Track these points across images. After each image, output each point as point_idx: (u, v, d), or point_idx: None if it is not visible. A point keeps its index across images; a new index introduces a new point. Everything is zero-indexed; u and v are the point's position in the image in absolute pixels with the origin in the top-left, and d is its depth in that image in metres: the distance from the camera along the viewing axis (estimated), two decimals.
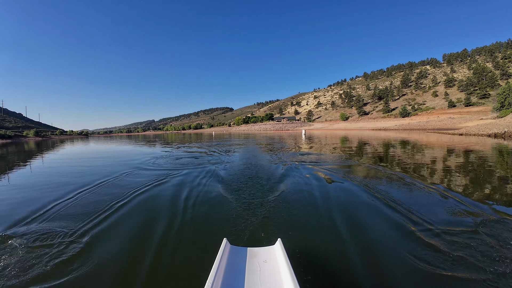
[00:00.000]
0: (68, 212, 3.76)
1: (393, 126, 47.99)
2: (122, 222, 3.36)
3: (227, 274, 1.65)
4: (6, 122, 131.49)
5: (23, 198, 4.71)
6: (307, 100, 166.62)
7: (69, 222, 3.37)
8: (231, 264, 1.77)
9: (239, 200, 4.09)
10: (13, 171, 8.79)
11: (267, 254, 1.91)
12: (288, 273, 1.53)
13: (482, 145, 12.27)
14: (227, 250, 1.90)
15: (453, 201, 3.76)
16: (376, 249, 2.48)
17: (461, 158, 8.12)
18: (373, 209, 3.59)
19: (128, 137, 65.91)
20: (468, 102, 65.15)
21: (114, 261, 2.41)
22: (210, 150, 13.43)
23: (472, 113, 52.81)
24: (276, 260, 1.81)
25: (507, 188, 4.53)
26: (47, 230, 3.08)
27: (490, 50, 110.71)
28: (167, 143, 23.46)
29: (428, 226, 2.94)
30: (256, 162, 8.40)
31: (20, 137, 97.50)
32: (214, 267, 1.60)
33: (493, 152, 9.62)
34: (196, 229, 3.04)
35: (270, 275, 1.64)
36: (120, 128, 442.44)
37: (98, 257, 2.48)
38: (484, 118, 42.75)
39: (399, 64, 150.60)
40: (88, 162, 10.42)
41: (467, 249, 2.42)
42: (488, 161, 7.47)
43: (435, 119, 51.84)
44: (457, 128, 32.58)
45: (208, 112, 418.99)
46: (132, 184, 5.43)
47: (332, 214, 3.39)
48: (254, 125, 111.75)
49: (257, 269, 1.71)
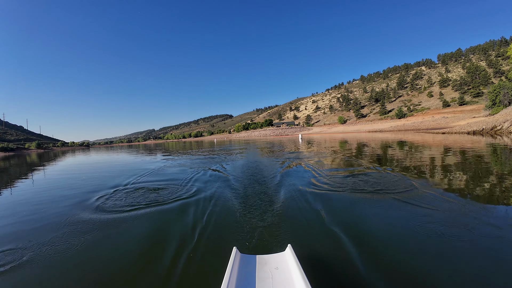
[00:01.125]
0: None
1: (389, 127, 49.00)
2: (132, 228, 3.37)
3: (239, 282, 1.64)
4: (7, 135, 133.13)
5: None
6: (306, 105, 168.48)
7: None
8: (242, 272, 1.76)
9: (245, 198, 4.42)
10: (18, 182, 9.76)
11: (278, 260, 1.90)
12: (301, 279, 1.52)
13: (454, 142, 13.25)
14: (237, 259, 1.88)
15: (408, 180, 4.73)
16: (391, 254, 2.40)
17: (431, 152, 9.12)
18: (377, 207, 3.61)
19: (129, 146, 66.77)
20: (462, 101, 66.34)
21: (125, 269, 2.40)
22: (215, 154, 14.45)
23: (465, 112, 53.87)
24: (288, 266, 1.79)
25: (447, 172, 5.50)
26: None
27: (484, 49, 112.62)
28: (176, 151, 24.04)
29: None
30: (258, 164, 9.00)
31: (22, 149, 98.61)
32: (226, 276, 1.60)
33: (457, 146, 10.60)
34: (208, 238, 2.98)
35: (282, 282, 1.63)
36: (120, 138, 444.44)
37: (103, 268, 2.45)
38: (476, 116, 43.68)
39: (395, 66, 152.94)
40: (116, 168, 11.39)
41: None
42: (449, 153, 8.45)
43: (429, 119, 52.88)
44: (450, 127, 33.61)
45: (208, 120, 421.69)
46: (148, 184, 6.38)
47: (341, 218, 3.33)
48: (254, 131, 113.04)
49: (269, 277, 1.70)
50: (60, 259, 2.61)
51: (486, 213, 3.16)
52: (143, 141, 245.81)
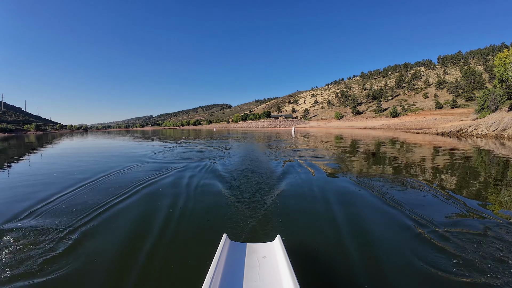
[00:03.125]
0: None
1: (380, 125, 50.92)
2: (118, 215, 3.47)
3: (227, 269, 1.66)
4: (6, 116, 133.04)
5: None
6: (305, 99, 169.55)
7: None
8: (230, 259, 1.79)
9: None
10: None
11: (266, 250, 1.94)
12: (287, 269, 1.55)
13: (415, 140, 15.22)
14: (226, 246, 1.92)
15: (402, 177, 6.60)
16: (376, 246, 2.51)
17: (392, 147, 11.05)
18: (368, 203, 3.93)
19: (127, 132, 67.50)
20: (454, 104, 68.37)
21: (109, 255, 2.43)
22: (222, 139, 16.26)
23: (455, 115, 55.93)
24: (275, 256, 1.83)
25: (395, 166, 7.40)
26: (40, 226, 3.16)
27: (484, 53, 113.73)
28: (181, 137, 24.57)
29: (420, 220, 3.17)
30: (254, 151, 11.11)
31: (21, 130, 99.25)
32: (214, 262, 1.62)
33: (415, 144, 12.55)
34: (196, 223, 3.16)
35: (269, 271, 1.66)
36: (118, 123, 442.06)
37: (91, 251, 2.51)
38: (464, 119, 45.59)
39: (396, 65, 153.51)
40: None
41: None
42: (407, 150, 10.40)
43: (420, 119, 54.86)
44: (437, 128, 35.55)
45: (207, 109, 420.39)
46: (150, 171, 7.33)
47: (331, 208, 3.63)
48: (252, 122, 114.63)
49: (256, 265, 1.73)
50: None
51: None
52: (141, 127, 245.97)
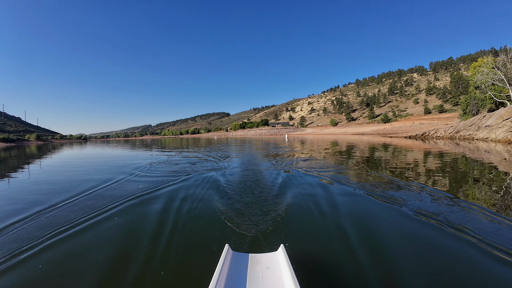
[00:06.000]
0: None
1: (370, 131, 53.34)
2: (117, 226, 3.33)
3: (229, 280, 1.64)
4: (7, 126, 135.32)
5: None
6: (301, 106, 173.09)
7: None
8: (233, 270, 1.76)
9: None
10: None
11: (269, 260, 1.90)
12: (291, 280, 1.51)
13: (384, 141, 17.37)
14: (229, 256, 1.89)
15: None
16: (390, 256, 2.35)
17: (358, 148, 13.14)
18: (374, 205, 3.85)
19: (126, 141, 66.57)
20: (442, 109, 71.21)
21: (104, 264, 2.37)
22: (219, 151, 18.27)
23: (442, 119, 58.51)
24: (279, 266, 1.79)
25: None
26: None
27: (473, 59, 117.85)
28: (180, 146, 26.00)
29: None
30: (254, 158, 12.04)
31: (22, 140, 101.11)
32: (216, 273, 1.60)
33: (376, 145, 14.66)
34: (196, 233, 3.06)
35: (272, 282, 1.62)
36: (117, 133, 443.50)
37: (87, 256, 2.48)
38: (449, 124, 48.12)
39: (390, 72, 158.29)
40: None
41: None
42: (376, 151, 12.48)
43: (409, 124, 57.37)
44: (421, 132, 37.77)
45: (205, 117, 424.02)
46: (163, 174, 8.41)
47: (337, 215, 3.45)
48: (250, 130, 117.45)
49: (260, 276, 1.69)
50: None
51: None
52: (140, 137, 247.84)
